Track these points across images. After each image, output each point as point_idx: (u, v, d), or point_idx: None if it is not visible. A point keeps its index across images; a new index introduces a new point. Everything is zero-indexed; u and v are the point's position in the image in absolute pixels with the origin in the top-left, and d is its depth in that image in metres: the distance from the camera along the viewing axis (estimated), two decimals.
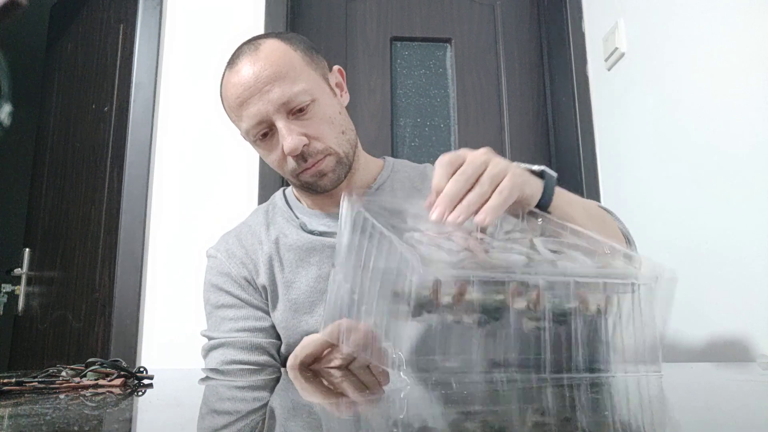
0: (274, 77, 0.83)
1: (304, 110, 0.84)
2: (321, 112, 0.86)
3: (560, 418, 0.29)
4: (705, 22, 1.21)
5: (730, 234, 1.10)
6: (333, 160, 0.87)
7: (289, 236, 0.94)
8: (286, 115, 0.84)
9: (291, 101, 0.83)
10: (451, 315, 0.41)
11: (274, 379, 0.62)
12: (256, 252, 0.94)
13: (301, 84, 0.84)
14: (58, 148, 2.15)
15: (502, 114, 1.89)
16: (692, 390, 0.43)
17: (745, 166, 1.07)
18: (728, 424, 0.27)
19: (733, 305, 1.09)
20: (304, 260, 0.91)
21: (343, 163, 0.89)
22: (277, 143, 0.85)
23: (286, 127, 0.83)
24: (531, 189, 0.64)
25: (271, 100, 0.83)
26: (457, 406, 0.33)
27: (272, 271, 0.92)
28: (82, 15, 2.16)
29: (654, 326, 0.48)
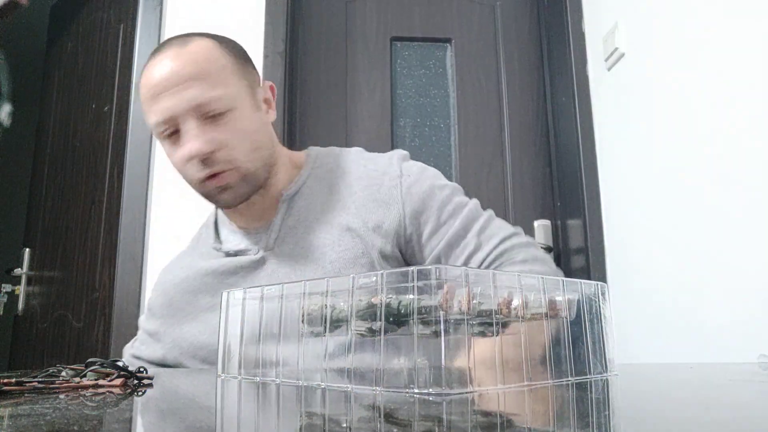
0: (193, 76, 0.79)
1: (219, 117, 0.80)
2: (237, 124, 0.82)
3: (566, 418, 0.29)
4: (705, 22, 1.21)
5: (729, 233, 1.10)
6: (236, 176, 0.83)
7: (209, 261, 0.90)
8: (198, 118, 0.79)
9: (205, 105, 0.79)
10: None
11: None
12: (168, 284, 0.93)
13: (221, 90, 0.80)
14: (58, 148, 2.15)
15: (502, 114, 1.89)
16: (692, 390, 0.43)
17: (745, 166, 1.07)
18: (728, 424, 0.27)
19: (733, 305, 1.09)
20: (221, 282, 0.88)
21: (248, 180, 0.84)
22: (182, 145, 0.81)
23: (195, 128, 0.79)
24: None
25: (183, 99, 0.78)
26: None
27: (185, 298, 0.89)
28: (82, 15, 2.16)
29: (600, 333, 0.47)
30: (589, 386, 0.42)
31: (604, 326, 0.48)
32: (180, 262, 0.97)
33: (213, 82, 0.80)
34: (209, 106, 0.79)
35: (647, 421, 0.28)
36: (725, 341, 1.10)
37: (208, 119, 0.79)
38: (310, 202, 0.89)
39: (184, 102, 0.78)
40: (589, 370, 0.46)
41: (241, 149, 0.82)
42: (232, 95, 0.82)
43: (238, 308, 0.54)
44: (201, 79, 0.79)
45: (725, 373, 0.54)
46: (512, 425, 0.28)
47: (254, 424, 0.30)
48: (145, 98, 0.82)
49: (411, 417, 0.30)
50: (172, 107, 0.78)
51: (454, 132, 1.87)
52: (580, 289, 0.47)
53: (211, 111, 0.79)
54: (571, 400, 0.36)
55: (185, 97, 0.78)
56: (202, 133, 0.79)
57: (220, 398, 0.41)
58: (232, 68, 0.83)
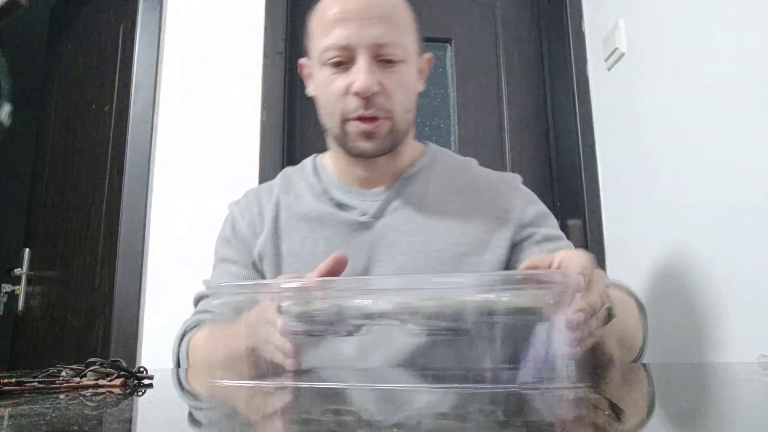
0: (386, 16, 0.80)
1: (391, 64, 0.81)
2: (403, 77, 0.83)
3: (551, 422, 0.29)
4: (705, 22, 1.21)
5: (729, 233, 1.10)
6: (387, 127, 0.83)
7: (305, 204, 0.90)
8: (373, 57, 0.80)
9: (387, 47, 0.79)
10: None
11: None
12: (267, 214, 0.91)
13: (404, 39, 0.81)
14: (58, 148, 2.15)
15: (502, 114, 1.89)
16: (692, 390, 0.43)
17: (745, 166, 1.07)
18: (728, 424, 0.27)
19: (733, 305, 1.09)
20: (314, 231, 0.87)
21: (393, 136, 0.85)
22: (347, 77, 0.81)
23: (368, 66, 0.79)
24: None
25: (367, 35, 0.78)
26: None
27: (278, 238, 0.88)
28: (82, 15, 2.16)
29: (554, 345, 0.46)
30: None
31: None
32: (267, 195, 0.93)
33: (400, 29, 0.81)
34: (390, 50, 0.80)
35: (647, 421, 0.28)
36: (725, 341, 1.10)
37: (381, 63, 0.80)
38: (427, 188, 0.90)
39: (370, 36, 0.78)
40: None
41: (399, 103, 0.83)
42: (408, 49, 0.83)
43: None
44: (391, 22, 0.80)
45: (725, 373, 0.54)
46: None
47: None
48: (324, 22, 0.81)
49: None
50: (356, 36, 0.78)
51: (454, 132, 1.87)
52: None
53: (388, 55, 0.80)
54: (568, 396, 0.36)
55: (373, 32, 0.79)
56: (372, 72, 0.79)
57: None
58: (413, 26, 0.86)
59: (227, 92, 1.75)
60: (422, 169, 0.92)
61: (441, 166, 0.94)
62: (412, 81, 0.85)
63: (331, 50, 0.80)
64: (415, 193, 0.89)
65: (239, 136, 1.73)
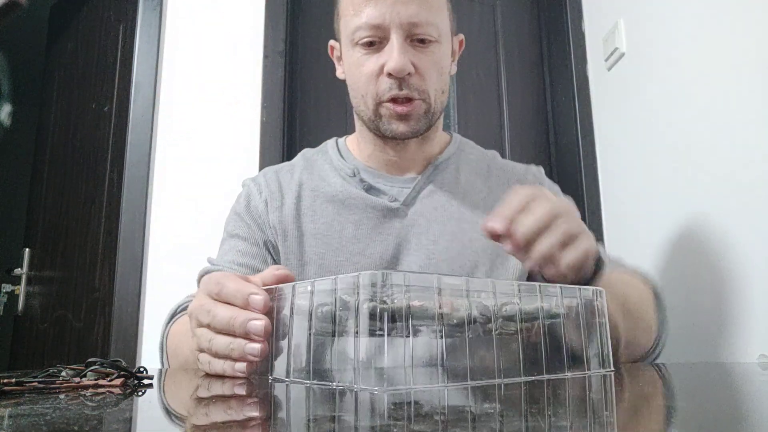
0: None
1: (425, 44, 0.79)
2: (437, 57, 0.81)
3: (561, 415, 0.29)
4: (705, 21, 1.21)
5: (729, 233, 1.10)
6: (422, 108, 0.80)
7: (332, 185, 0.87)
8: (406, 36, 0.77)
9: (421, 26, 0.77)
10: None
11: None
12: (288, 193, 0.87)
13: (438, 18, 0.80)
14: (58, 148, 2.15)
15: (502, 114, 1.89)
16: (692, 390, 0.43)
17: (745, 166, 1.07)
18: (728, 424, 0.27)
19: (733, 305, 1.09)
20: (341, 214, 0.84)
21: (427, 119, 0.82)
22: (380, 57, 0.78)
23: (401, 45, 0.76)
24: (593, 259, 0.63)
25: (402, 13, 0.76)
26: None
27: (300, 218, 0.85)
28: (82, 15, 2.16)
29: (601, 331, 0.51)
30: (587, 381, 0.42)
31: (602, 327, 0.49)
32: (289, 174, 0.90)
33: (434, 9, 0.79)
34: (424, 29, 0.78)
35: (647, 421, 0.28)
36: (725, 341, 1.10)
37: (414, 42, 0.78)
38: (458, 176, 0.89)
39: (402, 16, 0.76)
40: (587, 367, 0.48)
41: (434, 84, 0.81)
42: (442, 29, 0.81)
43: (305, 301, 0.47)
44: (426, 0, 0.78)
45: (725, 373, 0.54)
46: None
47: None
48: (356, 0, 0.78)
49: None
50: (388, 16, 0.76)
51: (454, 132, 1.87)
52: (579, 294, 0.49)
53: (422, 35, 0.78)
54: (568, 394, 0.36)
55: (405, 11, 0.76)
56: (405, 52, 0.77)
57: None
58: (447, 6, 0.85)
59: (227, 92, 1.75)
60: (451, 157, 0.91)
61: (469, 155, 0.93)
62: (446, 62, 0.83)
63: (363, 29, 0.78)
64: (446, 180, 0.88)
65: (239, 136, 1.73)
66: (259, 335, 0.48)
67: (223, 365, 0.51)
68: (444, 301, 0.40)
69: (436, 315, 0.39)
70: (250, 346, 0.49)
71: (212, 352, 0.52)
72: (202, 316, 0.52)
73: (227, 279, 0.52)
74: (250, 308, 0.49)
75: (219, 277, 0.53)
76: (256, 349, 0.48)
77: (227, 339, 0.50)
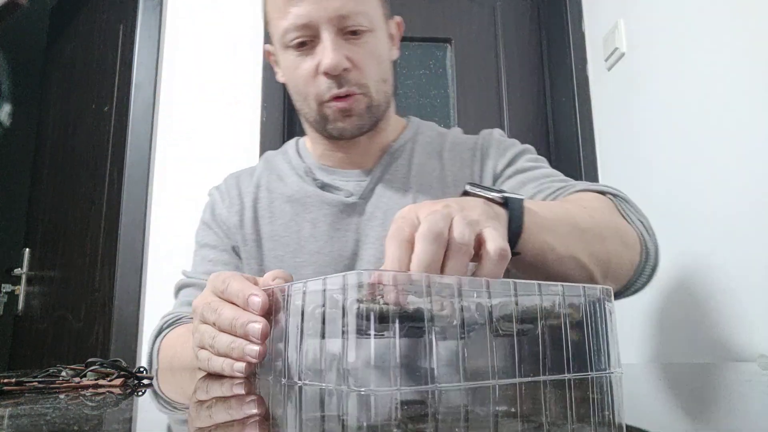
0: None
1: (358, 35, 0.76)
2: (373, 46, 0.77)
3: (562, 416, 0.29)
4: (705, 21, 1.21)
5: (729, 233, 1.10)
6: (365, 102, 0.78)
7: (288, 185, 0.86)
8: (337, 31, 0.75)
9: (349, 18, 0.74)
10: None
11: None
12: (247, 196, 0.87)
13: (366, 6, 0.76)
14: (58, 148, 2.15)
15: (502, 114, 1.89)
16: (692, 390, 0.43)
17: (745, 166, 1.07)
18: (728, 424, 0.27)
19: (733, 305, 1.09)
20: (298, 214, 0.84)
21: (372, 112, 0.80)
22: (314, 57, 0.76)
23: (333, 41, 0.74)
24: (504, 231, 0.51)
25: (328, 8, 0.73)
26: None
27: (257, 221, 0.85)
28: (82, 15, 2.16)
29: (611, 332, 0.49)
30: (591, 382, 0.42)
31: (609, 327, 0.49)
32: (248, 178, 0.90)
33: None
34: (353, 20, 0.75)
35: (647, 421, 0.28)
36: (725, 341, 1.10)
37: (346, 35, 0.76)
38: (411, 162, 0.87)
39: (329, 10, 0.73)
40: (592, 368, 0.47)
41: (373, 75, 0.78)
42: (374, 16, 0.78)
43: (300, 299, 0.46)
44: None
45: (725, 373, 0.54)
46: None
47: None
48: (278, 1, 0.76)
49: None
50: (314, 13, 0.73)
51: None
52: (584, 292, 0.48)
53: (352, 26, 0.75)
54: (573, 394, 0.36)
55: (331, 5, 0.73)
56: (340, 47, 0.74)
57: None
58: None
59: (227, 92, 1.75)
60: (405, 143, 0.89)
61: (424, 138, 0.91)
62: (384, 49, 0.80)
63: (292, 31, 0.75)
64: (399, 167, 0.86)
65: (239, 136, 1.73)
66: (257, 338, 0.49)
67: (222, 364, 0.51)
68: (434, 300, 0.39)
69: (425, 315, 0.39)
70: (249, 347, 0.49)
71: (214, 350, 0.52)
72: (208, 313, 0.53)
73: (233, 278, 0.52)
74: (249, 309, 0.50)
75: (226, 275, 0.53)
76: (255, 351, 0.49)
77: (229, 338, 0.51)
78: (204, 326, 0.54)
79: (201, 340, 0.54)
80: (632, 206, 0.74)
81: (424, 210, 0.47)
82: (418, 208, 0.48)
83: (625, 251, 0.67)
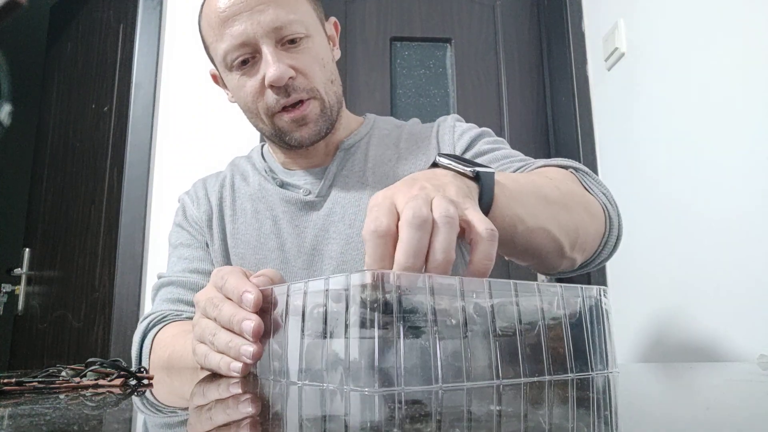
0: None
1: (296, 43, 0.77)
2: (314, 51, 0.78)
3: (559, 416, 0.29)
4: (705, 22, 1.21)
5: (729, 233, 1.10)
6: (318, 107, 0.79)
7: (251, 184, 0.89)
8: (275, 43, 0.76)
9: (284, 28, 0.75)
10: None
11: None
12: (213, 197, 0.90)
13: (299, 14, 0.77)
14: (58, 148, 2.15)
15: (502, 114, 1.89)
16: (692, 390, 0.43)
17: (745, 166, 1.07)
18: (728, 424, 0.27)
19: (733, 305, 1.09)
20: (260, 212, 0.86)
21: (326, 115, 0.81)
22: (257, 72, 0.77)
23: (273, 53, 0.75)
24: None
25: (262, 22, 0.74)
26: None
27: (222, 220, 0.88)
28: (82, 15, 2.16)
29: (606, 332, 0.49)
30: (591, 382, 0.42)
31: (606, 326, 0.49)
32: (214, 180, 0.93)
33: (290, 6, 0.76)
34: (289, 29, 0.76)
35: (647, 421, 0.28)
36: (725, 341, 1.10)
37: (285, 45, 0.77)
38: (367, 155, 0.88)
39: (263, 24, 0.74)
40: (591, 368, 0.47)
41: (319, 79, 0.79)
42: (309, 21, 0.79)
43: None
44: (277, 2, 0.75)
45: (725, 373, 0.54)
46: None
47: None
48: (213, 24, 0.77)
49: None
50: (250, 29, 0.74)
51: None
52: (582, 293, 0.48)
53: (290, 35, 0.76)
54: (573, 394, 0.36)
55: (264, 19, 0.74)
56: (280, 58, 0.75)
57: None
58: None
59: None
60: (361, 138, 0.90)
61: (380, 131, 0.92)
62: (325, 51, 0.81)
63: (232, 51, 0.76)
64: (356, 161, 0.88)
65: (239, 136, 1.73)
66: (249, 335, 0.49)
67: (219, 362, 0.51)
68: (437, 300, 0.39)
69: (429, 315, 0.39)
70: (244, 347, 0.49)
71: (214, 346, 0.52)
72: (210, 308, 0.53)
73: (230, 274, 0.53)
74: (243, 306, 0.50)
75: (225, 271, 0.54)
76: (249, 351, 0.49)
77: (228, 336, 0.51)
78: (205, 321, 0.54)
79: (201, 334, 0.54)
80: (594, 178, 0.73)
81: (400, 196, 0.46)
82: (393, 194, 0.47)
83: (591, 221, 0.66)
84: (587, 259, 0.69)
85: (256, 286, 0.51)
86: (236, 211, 0.88)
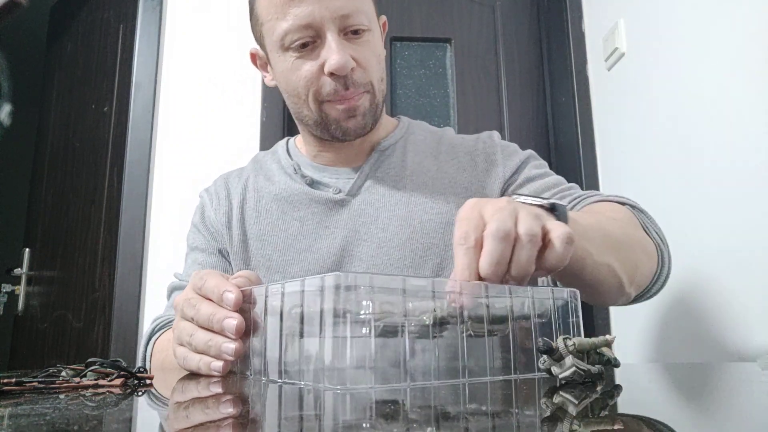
0: None
1: (359, 34, 0.75)
2: (372, 44, 0.77)
3: (559, 413, 0.29)
4: (705, 22, 1.21)
5: (729, 233, 1.10)
6: (369, 101, 0.78)
7: (276, 184, 0.86)
8: (339, 31, 0.73)
9: (352, 17, 0.73)
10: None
11: None
12: (234, 197, 0.88)
13: (365, 5, 0.76)
14: (58, 148, 2.16)
15: (502, 114, 1.89)
16: (692, 390, 0.43)
17: (745, 166, 1.07)
18: (728, 424, 0.27)
19: (733, 305, 1.09)
20: (286, 212, 0.84)
21: (374, 110, 0.80)
22: (316, 57, 0.74)
23: (338, 41, 0.73)
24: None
25: (330, 7, 0.72)
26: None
27: (244, 221, 0.85)
28: (82, 15, 2.16)
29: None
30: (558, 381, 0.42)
31: (576, 327, 0.50)
32: (237, 179, 0.91)
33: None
34: (355, 19, 0.74)
35: (647, 421, 0.28)
36: (725, 341, 1.10)
37: (348, 35, 0.75)
38: (405, 159, 0.87)
39: (332, 9, 0.72)
40: None
41: (375, 74, 0.78)
42: (372, 15, 0.78)
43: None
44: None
45: (725, 373, 0.54)
46: None
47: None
48: (276, 1, 0.74)
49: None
50: (317, 12, 0.72)
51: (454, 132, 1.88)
52: (552, 295, 0.49)
53: (355, 25, 0.74)
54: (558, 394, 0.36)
55: (333, 4, 0.72)
56: (344, 47, 0.73)
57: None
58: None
59: (227, 92, 1.76)
60: (397, 141, 0.88)
61: (416, 137, 0.91)
62: (380, 47, 0.80)
63: (293, 32, 0.73)
64: (392, 165, 0.86)
65: (239, 136, 1.73)
66: (232, 332, 0.49)
67: (199, 362, 0.52)
68: (408, 301, 0.40)
69: (401, 316, 0.40)
70: (225, 345, 0.50)
71: (192, 347, 0.52)
72: (188, 309, 0.53)
73: (209, 275, 0.54)
74: (223, 305, 0.51)
75: (204, 273, 0.54)
76: (231, 349, 0.50)
77: (207, 335, 0.51)
78: (183, 323, 0.54)
79: (179, 336, 0.54)
80: (649, 218, 0.79)
81: (488, 209, 0.49)
82: (482, 207, 0.49)
83: (647, 260, 0.71)
84: (638, 294, 0.74)
85: (237, 286, 0.51)
86: (261, 212, 0.85)
